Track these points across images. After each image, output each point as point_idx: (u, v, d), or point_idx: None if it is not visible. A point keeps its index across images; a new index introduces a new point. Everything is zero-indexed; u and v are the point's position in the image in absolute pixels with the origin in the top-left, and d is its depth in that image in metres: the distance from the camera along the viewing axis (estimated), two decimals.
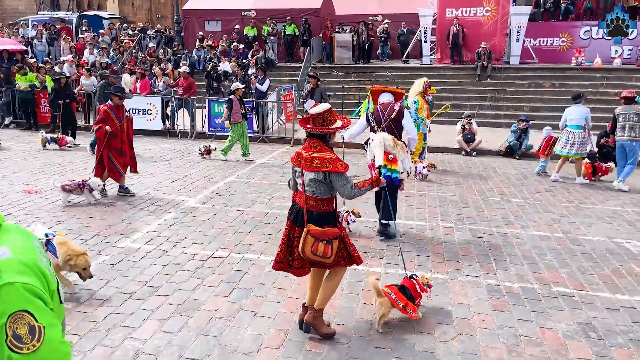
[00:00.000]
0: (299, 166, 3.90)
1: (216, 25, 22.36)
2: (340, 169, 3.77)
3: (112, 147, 7.61)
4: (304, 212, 3.84)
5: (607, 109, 15.38)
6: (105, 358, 3.68)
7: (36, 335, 1.47)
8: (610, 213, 7.64)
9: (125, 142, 7.75)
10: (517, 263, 5.62)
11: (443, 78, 17.75)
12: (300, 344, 3.92)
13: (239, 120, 10.54)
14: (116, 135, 7.60)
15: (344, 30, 20.69)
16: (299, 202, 3.94)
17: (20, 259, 1.55)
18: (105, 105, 7.74)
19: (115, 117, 7.57)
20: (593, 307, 4.64)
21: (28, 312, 1.47)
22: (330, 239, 3.77)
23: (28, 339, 1.45)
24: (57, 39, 20.33)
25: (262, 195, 8.09)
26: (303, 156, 3.86)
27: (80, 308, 4.38)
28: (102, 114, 7.60)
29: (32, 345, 1.46)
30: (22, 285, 1.49)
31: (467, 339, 4.07)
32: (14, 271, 1.50)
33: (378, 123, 6.30)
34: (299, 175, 3.92)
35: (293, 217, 3.97)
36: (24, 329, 1.45)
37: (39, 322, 1.48)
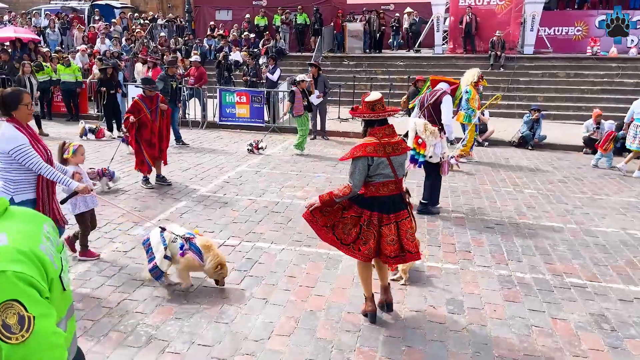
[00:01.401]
0: (384, 155, 3.82)
1: (227, 15, 22.31)
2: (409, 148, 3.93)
3: (142, 138, 7.54)
4: (404, 194, 4.01)
5: (623, 100, 15.15)
6: (119, 343, 3.73)
7: (25, 325, 1.44)
8: (625, 204, 7.55)
9: (156, 134, 7.66)
10: (529, 254, 5.58)
11: (455, 68, 17.53)
12: (311, 332, 3.93)
13: (301, 113, 10.27)
14: (147, 126, 7.51)
15: (355, 19, 20.53)
16: (391, 191, 3.89)
17: (16, 246, 1.52)
18: (137, 96, 7.75)
19: (146, 108, 7.49)
20: (606, 299, 4.60)
21: (18, 302, 1.44)
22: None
23: (17, 329, 1.42)
24: (69, 28, 20.43)
25: (273, 185, 8.10)
26: (392, 142, 3.87)
27: (94, 294, 4.43)
28: (132, 104, 7.60)
29: (21, 336, 1.43)
30: (14, 274, 1.46)
31: (478, 329, 4.06)
32: (8, 259, 1.48)
33: (420, 108, 6.72)
34: (386, 165, 3.83)
35: (387, 208, 3.89)
36: (14, 318, 1.42)
37: (30, 312, 1.45)
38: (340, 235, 3.97)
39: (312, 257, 5.34)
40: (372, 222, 3.88)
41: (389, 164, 3.84)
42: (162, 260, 4.38)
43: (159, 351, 3.65)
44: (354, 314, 4.22)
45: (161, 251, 4.38)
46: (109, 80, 12.01)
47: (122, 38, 19.18)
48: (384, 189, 3.88)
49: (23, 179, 4.00)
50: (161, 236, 4.46)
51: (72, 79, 14.12)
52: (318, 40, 18.95)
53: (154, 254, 4.42)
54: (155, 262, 4.38)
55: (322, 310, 4.27)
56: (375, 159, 3.80)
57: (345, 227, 3.96)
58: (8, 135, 3.88)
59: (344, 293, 4.58)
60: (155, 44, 19.26)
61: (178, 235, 4.45)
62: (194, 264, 4.39)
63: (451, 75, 15.67)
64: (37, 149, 3.97)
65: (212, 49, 19.20)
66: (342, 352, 3.69)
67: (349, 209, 3.97)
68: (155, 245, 4.44)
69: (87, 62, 16.17)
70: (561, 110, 15.18)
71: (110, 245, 5.52)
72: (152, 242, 4.47)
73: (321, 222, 4.01)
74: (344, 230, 3.96)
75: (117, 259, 5.17)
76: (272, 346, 3.74)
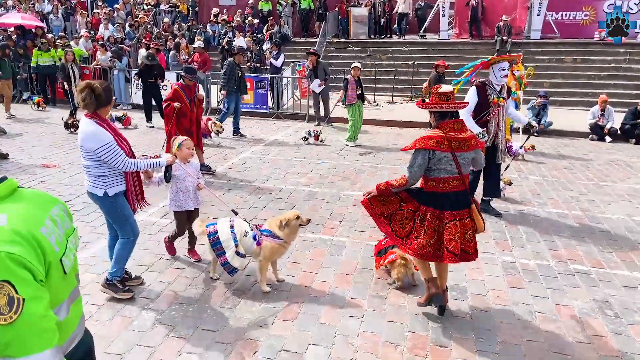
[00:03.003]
0: (449, 150, 3.66)
1: (231, 0, 22.13)
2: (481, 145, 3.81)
3: (181, 127, 7.45)
4: (468, 191, 3.84)
5: (630, 85, 15.00)
6: (124, 327, 3.76)
7: (14, 307, 1.43)
8: (631, 191, 7.50)
9: (194, 122, 7.62)
10: (534, 240, 5.57)
11: (461, 53, 17.40)
12: (315, 317, 3.95)
13: (354, 101, 9.97)
14: (186, 115, 7.42)
15: (360, 4, 20.32)
16: (453, 187, 3.73)
17: (13, 227, 1.51)
18: (176, 84, 7.67)
19: (185, 97, 7.41)
20: (610, 285, 4.59)
21: (9, 283, 1.43)
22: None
23: (6, 310, 1.42)
24: (72, 14, 20.31)
25: (277, 171, 8.09)
26: (459, 138, 3.68)
27: (99, 279, 4.45)
28: (172, 92, 7.49)
29: (9, 317, 1.42)
30: (7, 255, 1.45)
31: (481, 314, 4.06)
32: (3, 240, 1.47)
33: None
34: (449, 161, 3.68)
35: (449, 205, 3.72)
36: (3, 299, 1.42)
37: (20, 294, 1.44)
38: (395, 227, 3.92)
39: (316, 243, 5.35)
40: (426, 217, 3.76)
41: (453, 159, 3.67)
42: (234, 256, 4.22)
43: (164, 336, 3.68)
44: (357, 299, 4.23)
45: (232, 248, 4.21)
46: (150, 69, 11.54)
47: (125, 24, 19.07)
48: (445, 185, 3.72)
49: (113, 172, 3.89)
50: (232, 232, 4.27)
51: None
52: (322, 25, 18.78)
53: (223, 249, 4.25)
54: (226, 258, 4.23)
55: (325, 296, 4.28)
56: (437, 152, 3.64)
57: (402, 220, 3.90)
58: (92, 133, 3.74)
59: (348, 279, 4.59)
60: (158, 29, 19.15)
61: (248, 228, 4.32)
62: (275, 248, 4.27)
63: (456, 61, 15.63)
64: (120, 143, 3.86)
65: (216, 34, 19.08)
66: (346, 337, 3.71)
67: (407, 202, 3.90)
68: (225, 241, 4.25)
69: (90, 47, 16.10)
70: (568, 97, 15.04)
71: None
72: (221, 237, 4.26)
73: (377, 211, 3.97)
74: (400, 224, 3.90)
75: None
76: (275, 331, 3.76)
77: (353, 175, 7.96)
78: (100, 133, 3.75)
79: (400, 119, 12.44)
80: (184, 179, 4.62)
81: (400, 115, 12.88)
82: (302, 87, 14.51)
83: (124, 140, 3.98)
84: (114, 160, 3.77)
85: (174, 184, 4.62)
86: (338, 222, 5.96)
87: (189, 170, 4.64)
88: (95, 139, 3.73)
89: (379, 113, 13.45)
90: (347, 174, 8.02)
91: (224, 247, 4.23)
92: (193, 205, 4.73)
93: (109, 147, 3.74)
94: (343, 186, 7.37)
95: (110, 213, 4.03)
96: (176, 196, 4.68)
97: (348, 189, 7.25)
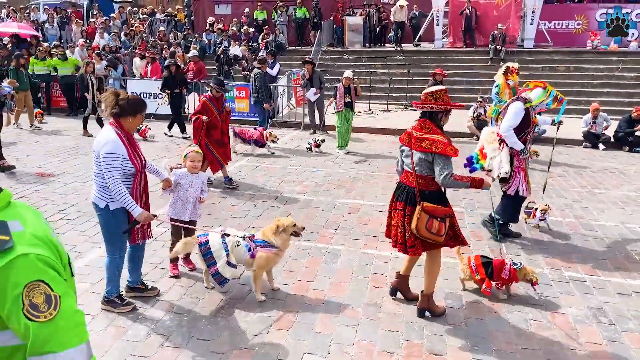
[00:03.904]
0: (408, 145, 3.91)
1: (226, 9, 22.22)
2: (450, 153, 3.74)
3: (212, 138, 7.36)
4: (416, 191, 3.86)
5: (623, 94, 15.13)
6: (118, 337, 3.74)
7: (52, 304, 1.49)
8: (624, 198, 7.54)
9: (225, 134, 7.59)
10: (528, 247, 5.59)
11: (455, 62, 17.53)
12: (310, 326, 3.94)
13: (341, 109, 10.06)
14: (216, 127, 7.38)
15: (355, 13, 20.45)
16: (408, 183, 3.95)
17: (32, 232, 1.57)
18: (204, 97, 7.60)
19: (214, 108, 7.35)
20: (604, 292, 4.61)
21: (43, 282, 1.50)
22: (443, 216, 3.81)
23: (44, 307, 1.48)
24: (68, 23, 20.33)
25: (272, 179, 8.10)
26: (413, 136, 3.87)
27: (93, 289, 4.44)
28: (200, 104, 7.43)
29: (49, 314, 1.48)
30: (36, 257, 1.51)
31: (476, 322, 4.07)
32: (28, 243, 1.53)
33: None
34: (408, 155, 3.93)
35: (403, 198, 3.97)
36: (41, 298, 1.48)
37: (55, 291, 1.51)
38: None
39: (311, 251, 5.35)
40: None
41: (410, 155, 3.91)
42: (225, 266, 4.19)
43: (158, 345, 3.66)
44: (352, 308, 4.23)
45: (223, 258, 4.19)
46: (173, 78, 11.41)
47: (121, 33, 19.12)
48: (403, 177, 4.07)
49: None
50: (223, 242, 4.24)
51: (70, 72, 14.10)
52: (317, 34, 18.88)
53: (214, 259, 4.22)
54: (216, 268, 4.20)
55: (321, 305, 4.28)
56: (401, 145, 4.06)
57: None
58: (107, 139, 3.75)
59: (343, 287, 4.59)
60: (154, 38, 19.20)
61: (240, 238, 4.29)
62: (270, 257, 4.26)
63: (451, 70, 15.74)
64: (133, 156, 3.82)
65: (212, 43, 19.14)
66: (341, 346, 3.70)
67: None
68: (216, 251, 4.22)
69: (86, 56, 16.11)
70: None
71: None
72: (212, 247, 4.23)
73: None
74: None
75: None
76: (270, 340, 3.75)
77: (348, 183, 7.97)
78: (113, 141, 3.75)
79: (395, 127, 12.48)
80: (187, 188, 4.61)
81: (395, 124, 12.93)
82: (298, 95, 14.56)
83: (139, 156, 3.92)
84: (107, 172, 3.72)
85: (176, 192, 4.62)
86: (333, 231, 5.96)
87: (193, 182, 4.65)
88: (106, 145, 3.73)
89: (374, 121, 13.50)
90: (343, 182, 8.03)
91: (215, 257, 4.21)
92: (189, 216, 4.68)
93: (112, 158, 3.72)
94: (338, 194, 7.38)
95: (104, 226, 3.99)
96: (175, 203, 4.67)
97: (343, 197, 7.26)
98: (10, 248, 1.49)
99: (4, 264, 1.47)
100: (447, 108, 3.89)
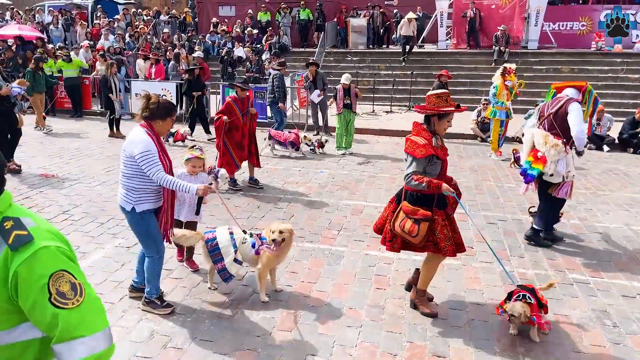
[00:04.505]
0: None
1: (230, 11, 22.30)
2: (416, 154, 3.76)
3: (232, 139, 7.36)
4: (403, 190, 4.02)
5: (627, 95, 15.08)
6: (121, 338, 3.75)
7: (78, 291, 1.59)
8: (629, 200, 7.52)
9: (246, 136, 7.54)
10: (532, 250, 5.57)
11: (459, 63, 17.51)
12: (313, 327, 3.94)
13: (340, 111, 10.13)
14: (238, 128, 7.34)
15: (358, 14, 20.47)
16: None
17: (45, 227, 1.65)
18: (229, 97, 7.61)
19: (238, 110, 7.33)
20: (608, 294, 4.59)
21: (67, 272, 1.58)
22: (418, 218, 3.81)
23: (71, 294, 1.57)
24: (72, 24, 20.43)
25: (275, 181, 8.10)
26: (405, 138, 4.00)
27: (96, 289, 4.42)
28: (225, 105, 7.45)
29: (76, 300, 1.57)
30: (57, 248, 1.60)
31: (479, 324, 4.06)
32: (45, 237, 1.61)
33: (539, 118, 5.71)
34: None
35: (397, 197, 4.12)
36: (66, 286, 1.56)
37: (78, 279, 1.60)
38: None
39: (314, 253, 5.35)
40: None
41: None
42: (232, 263, 4.23)
43: (161, 346, 3.67)
44: (355, 309, 4.22)
45: (231, 254, 4.23)
46: (196, 81, 11.38)
47: (125, 34, 19.19)
48: None
49: (145, 188, 3.83)
50: (231, 238, 4.29)
51: (75, 74, 14.14)
52: (321, 36, 18.90)
53: (221, 256, 4.25)
54: (223, 264, 4.24)
55: (324, 306, 4.28)
56: None
57: None
58: (139, 139, 3.75)
59: (346, 288, 4.59)
60: (158, 39, 19.27)
61: (248, 235, 4.32)
62: (273, 255, 4.25)
63: (454, 71, 15.71)
64: (162, 159, 3.83)
65: (216, 44, 19.19)
66: (344, 348, 3.70)
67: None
68: (224, 247, 4.26)
69: (91, 58, 16.19)
70: None
71: (113, 241, 5.54)
72: (220, 244, 4.27)
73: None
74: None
75: (120, 255, 5.19)
76: (273, 341, 3.75)
77: (352, 185, 7.97)
78: (146, 141, 3.75)
79: (398, 129, 12.48)
80: None
81: (398, 125, 12.92)
82: (301, 96, 14.58)
83: (167, 157, 3.93)
84: (149, 169, 3.72)
85: None
86: (336, 232, 5.96)
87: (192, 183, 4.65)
88: (139, 145, 3.72)
89: (377, 123, 13.49)
90: (346, 184, 8.03)
91: (222, 254, 4.24)
92: (185, 217, 4.69)
93: (149, 155, 3.72)
94: (342, 195, 7.38)
95: (135, 229, 3.97)
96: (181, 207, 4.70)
97: (347, 198, 7.26)
98: (31, 241, 1.56)
99: (27, 256, 1.54)
100: (433, 112, 3.86)
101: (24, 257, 1.53)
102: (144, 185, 3.82)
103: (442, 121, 3.91)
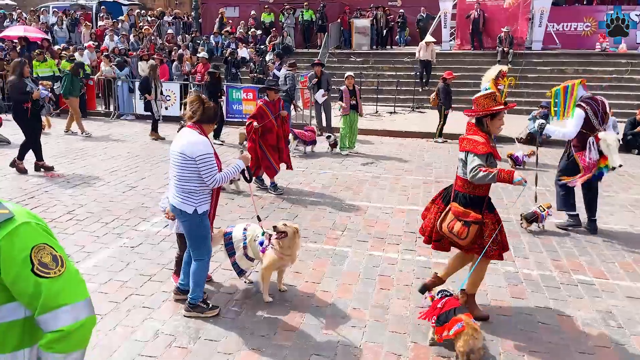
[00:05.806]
0: None
1: (234, 12, 22.34)
2: (478, 151, 3.76)
3: (267, 143, 7.33)
4: (452, 191, 4.01)
5: (632, 96, 15.02)
6: (126, 338, 3.76)
7: (59, 262, 1.67)
8: (633, 201, 7.49)
9: (282, 138, 7.55)
10: (536, 250, 5.56)
11: (463, 64, 17.49)
12: (317, 327, 3.95)
13: (347, 112, 10.07)
14: (272, 131, 7.32)
15: (362, 15, 20.47)
16: (454, 183, 4.04)
17: (25, 211, 1.74)
18: (261, 101, 7.55)
19: (270, 113, 7.31)
20: (613, 296, 4.58)
21: (48, 245, 1.67)
22: (469, 221, 3.79)
23: (53, 265, 1.65)
24: (77, 25, 20.49)
25: (279, 181, 8.10)
26: (459, 139, 4.00)
27: (101, 289, 4.47)
28: (256, 109, 7.41)
29: (58, 270, 1.65)
30: (37, 224, 1.70)
31: (484, 325, 4.04)
32: (25, 215, 1.70)
33: (596, 117, 5.93)
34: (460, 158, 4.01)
35: (443, 197, 4.12)
36: (48, 257, 1.65)
37: (58, 252, 1.69)
38: None
39: (318, 253, 5.36)
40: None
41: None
42: (242, 257, 4.38)
43: (166, 346, 3.68)
44: (359, 310, 4.23)
45: (241, 249, 4.35)
46: (217, 83, 11.08)
47: (129, 35, 19.23)
48: None
49: (204, 188, 3.82)
50: (243, 234, 4.38)
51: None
52: (324, 36, 18.91)
53: (234, 250, 4.39)
54: (234, 258, 4.38)
55: (328, 306, 4.28)
56: None
57: None
58: (198, 139, 3.75)
59: (350, 289, 4.59)
60: (162, 40, 19.30)
61: (260, 233, 4.36)
62: (275, 257, 4.24)
63: (458, 72, 15.68)
64: (216, 157, 3.85)
65: (219, 45, 19.22)
66: (348, 348, 3.70)
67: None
68: (236, 242, 4.38)
69: (95, 59, 16.23)
70: None
71: (118, 241, 5.56)
72: (234, 238, 4.41)
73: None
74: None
75: (125, 255, 5.21)
76: (277, 341, 3.76)
77: (355, 185, 7.97)
78: (205, 142, 3.78)
79: (402, 129, 12.47)
80: None
81: (402, 126, 12.91)
82: (305, 97, 14.59)
83: (218, 159, 3.93)
84: (207, 173, 3.72)
85: None
86: (340, 232, 5.96)
87: None
88: (200, 146, 3.72)
89: (381, 123, 13.49)
90: (350, 184, 8.03)
91: (234, 248, 4.39)
92: (177, 230, 4.36)
93: (209, 158, 3.73)
94: (345, 196, 7.38)
95: (192, 231, 3.92)
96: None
97: (350, 198, 7.26)
98: (11, 218, 1.65)
99: (7, 232, 1.62)
100: (486, 113, 3.89)
101: (5, 232, 1.61)
102: (203, 185, 3.82)
103: (495, 120, 3.92)
